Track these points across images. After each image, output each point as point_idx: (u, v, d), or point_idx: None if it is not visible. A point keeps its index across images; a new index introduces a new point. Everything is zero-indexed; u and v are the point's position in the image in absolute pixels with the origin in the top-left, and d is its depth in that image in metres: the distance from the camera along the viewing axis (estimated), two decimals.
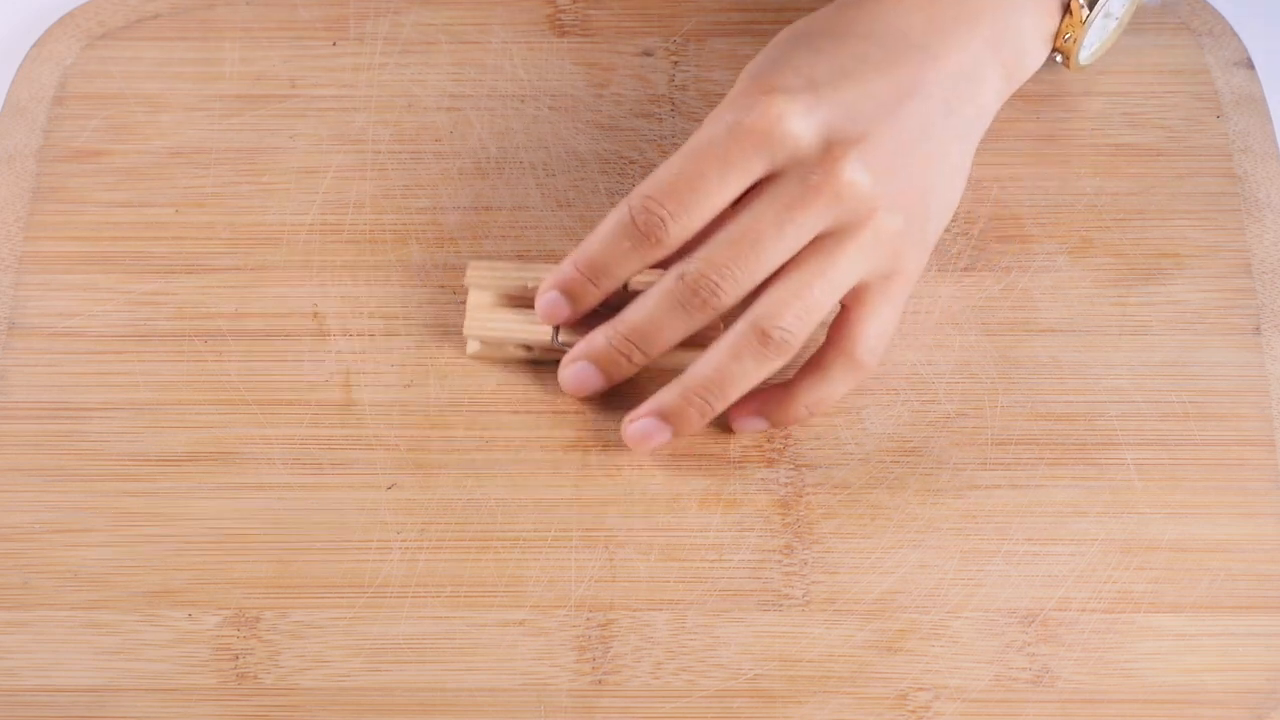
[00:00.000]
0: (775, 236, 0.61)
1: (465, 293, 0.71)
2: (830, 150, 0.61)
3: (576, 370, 0.67)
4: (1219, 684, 0.64)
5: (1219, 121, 0.74)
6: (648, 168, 0.73)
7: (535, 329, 0.68)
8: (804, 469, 0.68)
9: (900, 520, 0.67)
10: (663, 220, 0.62)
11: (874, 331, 0.64)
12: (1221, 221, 0.72)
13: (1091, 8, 0.67)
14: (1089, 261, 0.71)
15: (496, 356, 0.69)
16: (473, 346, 0.69)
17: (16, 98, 0.76)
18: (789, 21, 0.76)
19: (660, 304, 0.64)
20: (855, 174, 0.61)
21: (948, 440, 0.68)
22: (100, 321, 0.71)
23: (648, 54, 0.77)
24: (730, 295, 0.63)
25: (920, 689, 0.64)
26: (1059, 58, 0.69)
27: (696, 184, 0.61)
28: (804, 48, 0.64)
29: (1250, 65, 0.75)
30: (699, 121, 0.74)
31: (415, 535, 0.66)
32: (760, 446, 0.68)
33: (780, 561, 0.66)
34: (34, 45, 0.77)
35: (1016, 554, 0.66)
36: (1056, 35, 0.68)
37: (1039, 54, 0.68)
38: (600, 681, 0.64)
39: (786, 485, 0.67)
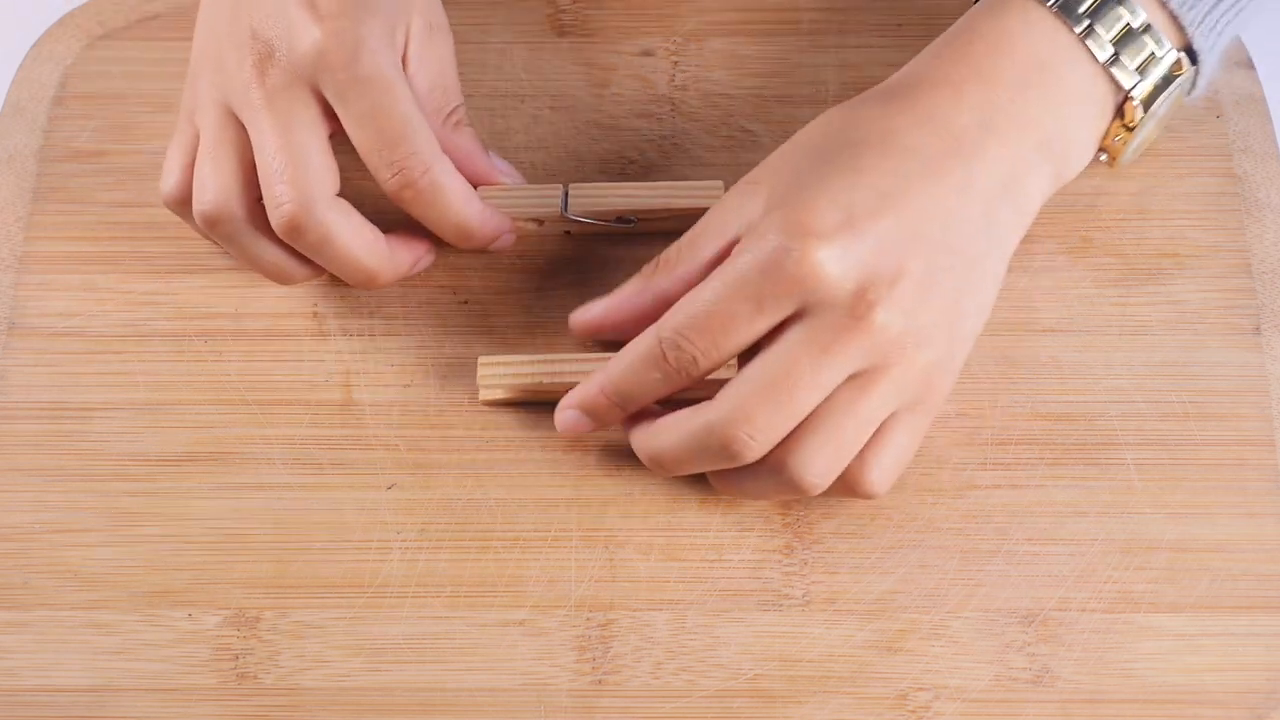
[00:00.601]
0: (810, 385, 0.60)
1: (465, 294, 0.71)
2: (864, 295, 0.60)
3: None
4: (1219, 684, 0.64)
5: (1219, 121, 0.74)
6: (648, 167, 0.73)
7: (545, 203, 0.70)
8: None
9: (900, 520, 0.67)
10: (694, 359, 0.61)
11: (888, 462, 0.63)
12: (1221, 221, 0.72)
13: (1147, 109, 0.65)
14: (1089, 261, 0.71)
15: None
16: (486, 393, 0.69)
17: (16, 98, 0.76)
18: (789, 22, 0.76)
19: (686, 444, 0.63)
20: (888, 318, 0.60)
21: (948, 440, 0.68)
22: (100, 321, 0.71)
23: (648, 54, 0.76)
24: (764, 449, 0.61)
25: (920, 689, 0.64)
26: (1103, 156, 0.67)
27: (728, 323, 0.61)
28: (843, 166, 0.62)
29: (1250, 65, 0.75)
30: (699, 121, 0.74)
31: (415, 535, 0.66)
32: None
33: (780, 561, 0.66)
34: (34, 45, 0.77)
35: (1016, 554, 0.66)
36: (1106, 134, 0.66)
37: (1087, 154, 0.66)
38: (600, 681, 0.64)
39: None
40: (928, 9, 0.76)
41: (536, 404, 0.68)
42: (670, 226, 0.70)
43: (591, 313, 0.66)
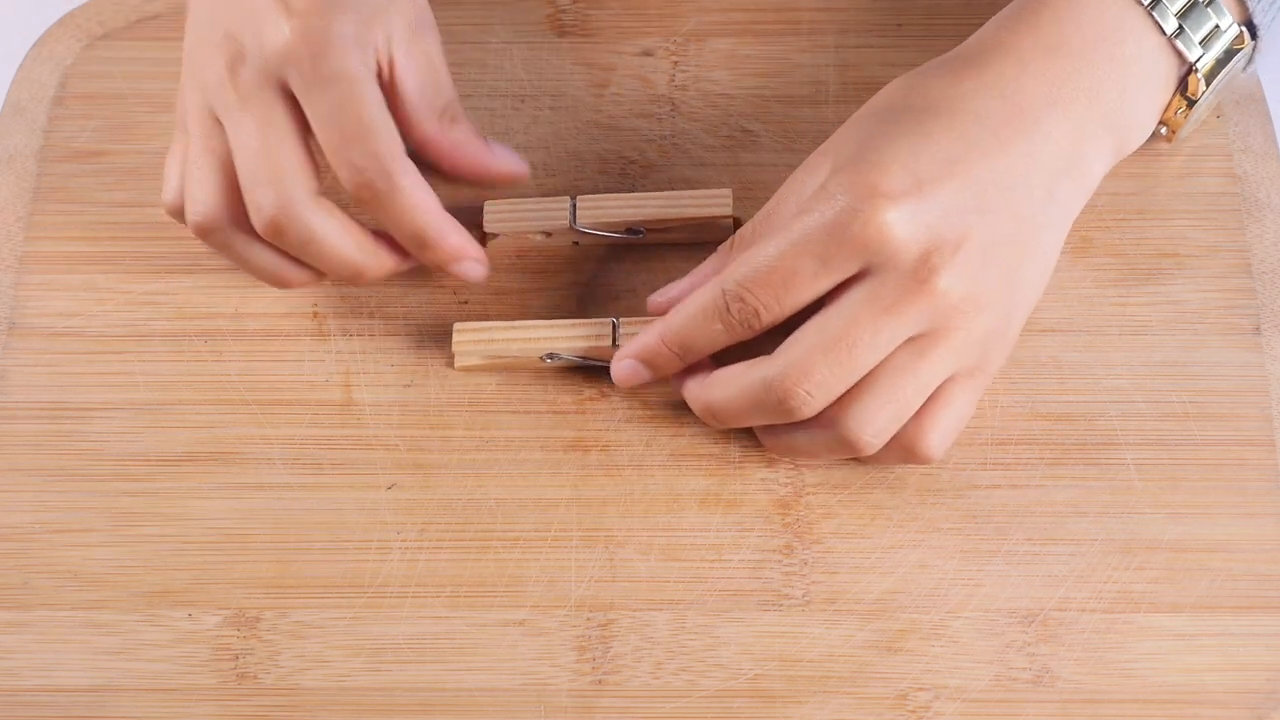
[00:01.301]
0: (869, 344, 0.61)
1: (465, 294, 0.71)
2: (928, 259, 0.61)
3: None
4: (1219, 684, 0.64)
5: (1219, 121, 0.74)
6: (648, 167, 0.73)
7: (553, 216, 0.69)
8: (804, 469, 0.68)
9: (900, 520, 0.67)
10: (756, 312, 0.62)
11: (946, 426, 0.64)
12: (1221, 221, 0.72)
13: (1209, 83, 0.66)
14: (1089, 261, 0.71)
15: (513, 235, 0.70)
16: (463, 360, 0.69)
17: (16, 98, 0.76)
18: (789, 22, 0.76)
19: (742, 397, 0.64)
20: (950, 283, 0.61)
21: None
22: (100, 321, 0.71)
23: (648, 54, 0.76)
24: (821, 405, 0.62)
25: (920, 689, 0.64)
26: (1163, 129, 0.69)
27: (790, 279, 0.61)
28: (911, 130, 0.62)
29: None
30: (699, 121, 0.74)
31: (415, 535, 0.66)
32: (760, 446, 0.68)
33: (780, 561, 0.66)
34: (34, 45, 0.77)
35: (1016, 554, 0.66)
36: (1167, 108, 0.67)
37: (1148, 127, 0.67)
38: (600, 681, 0.64)
39: (786, 485, 0.67)
40: (928, 9, 0.76)
41: (533, 407, 0.68)
42: (680, 238, 0.70)
43: (670, 294, 0.67)
